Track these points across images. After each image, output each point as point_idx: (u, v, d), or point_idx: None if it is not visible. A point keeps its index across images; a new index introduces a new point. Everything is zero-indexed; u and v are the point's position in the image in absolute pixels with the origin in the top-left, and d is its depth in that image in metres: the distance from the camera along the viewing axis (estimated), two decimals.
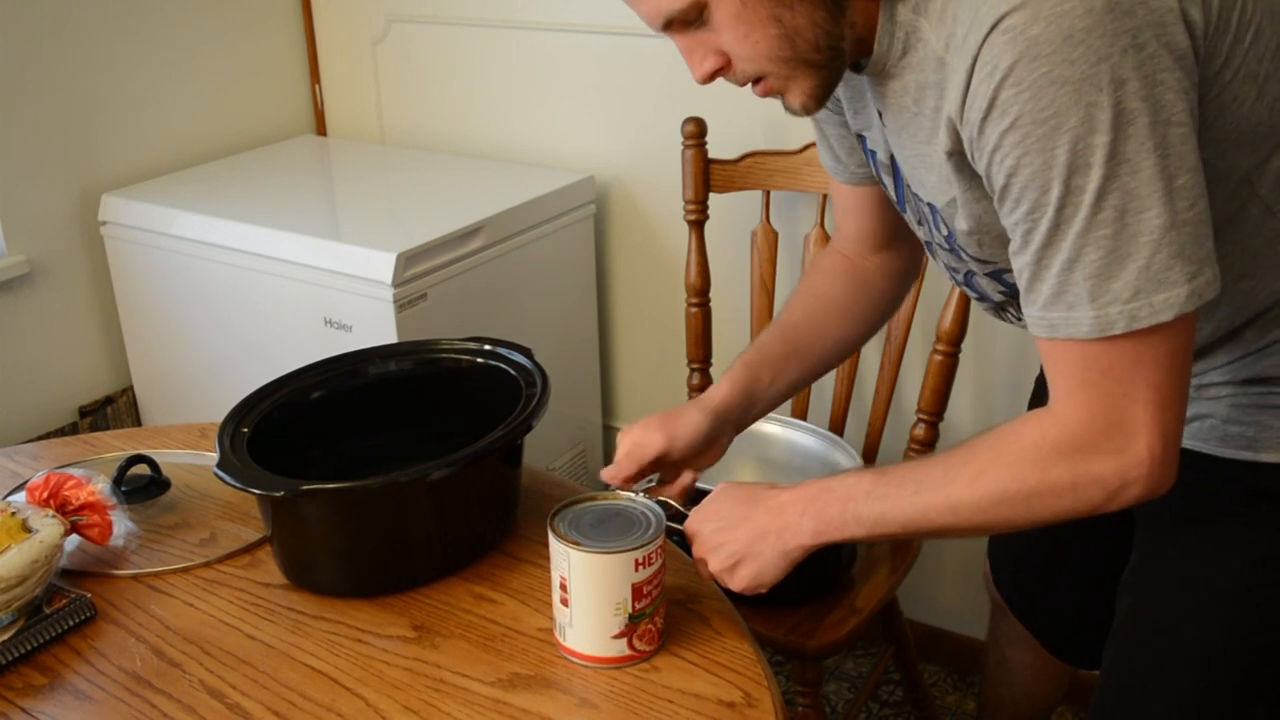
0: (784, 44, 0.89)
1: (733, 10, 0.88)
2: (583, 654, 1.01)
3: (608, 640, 1.00)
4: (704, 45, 0.92)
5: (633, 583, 0.99)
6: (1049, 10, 0.77)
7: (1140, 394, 0.86)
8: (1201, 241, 0.83)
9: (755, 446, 1.67)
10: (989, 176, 0.86)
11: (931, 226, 1.03)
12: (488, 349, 1.26)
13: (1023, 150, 0.81)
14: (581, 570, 0.99)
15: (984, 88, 0.81)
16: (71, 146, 2.05)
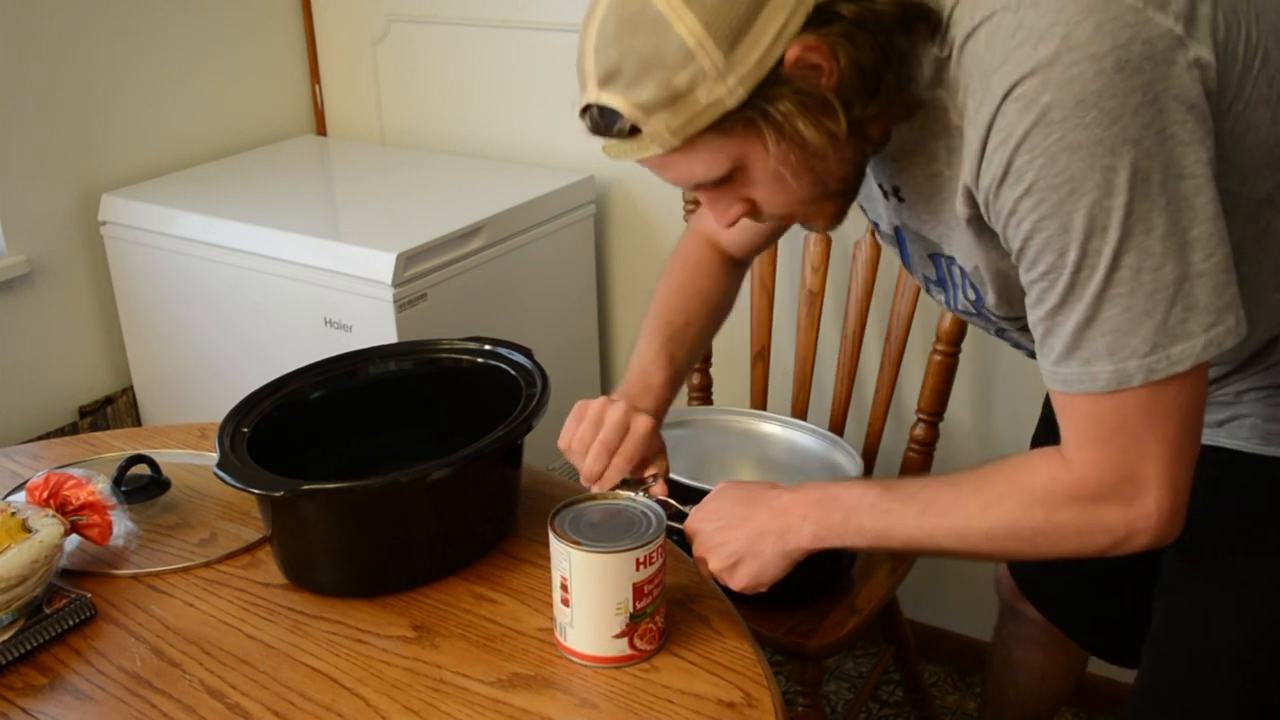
0: (816, 187, 0.90)
1: (768, 170, 0.88)
2: (583, 654, 1.01)
3: (608, 640, 1.00)
4: (730, 195, 0.93)
5: (633, 582, 0.99)
6: (1059, 76, 0.77)
7: (1152, 449, 0.87)
8: (1220, 290, 0.83)
9: (755, 446, 1.67)
10: (1005, 239, 0.86)
11: (958, 291, 1.02)
12: (488, 349, 1.26)
13: (1039, 215, 0.82)
14: (582, 570, 0.99)
15: (999, 155, 0.81)
16: (71, 146, 2.05)
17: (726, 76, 0.82)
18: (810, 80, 0.83)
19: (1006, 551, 0.96)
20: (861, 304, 1.71)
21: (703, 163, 0.88)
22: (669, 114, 0.84)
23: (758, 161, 0.88)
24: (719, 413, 1.72)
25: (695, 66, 0.82)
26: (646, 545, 0.99)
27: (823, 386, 1.88)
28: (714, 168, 0.89)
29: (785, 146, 0.85)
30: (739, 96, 0.83)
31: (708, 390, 1.87)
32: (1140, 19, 0.78)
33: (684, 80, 0.83)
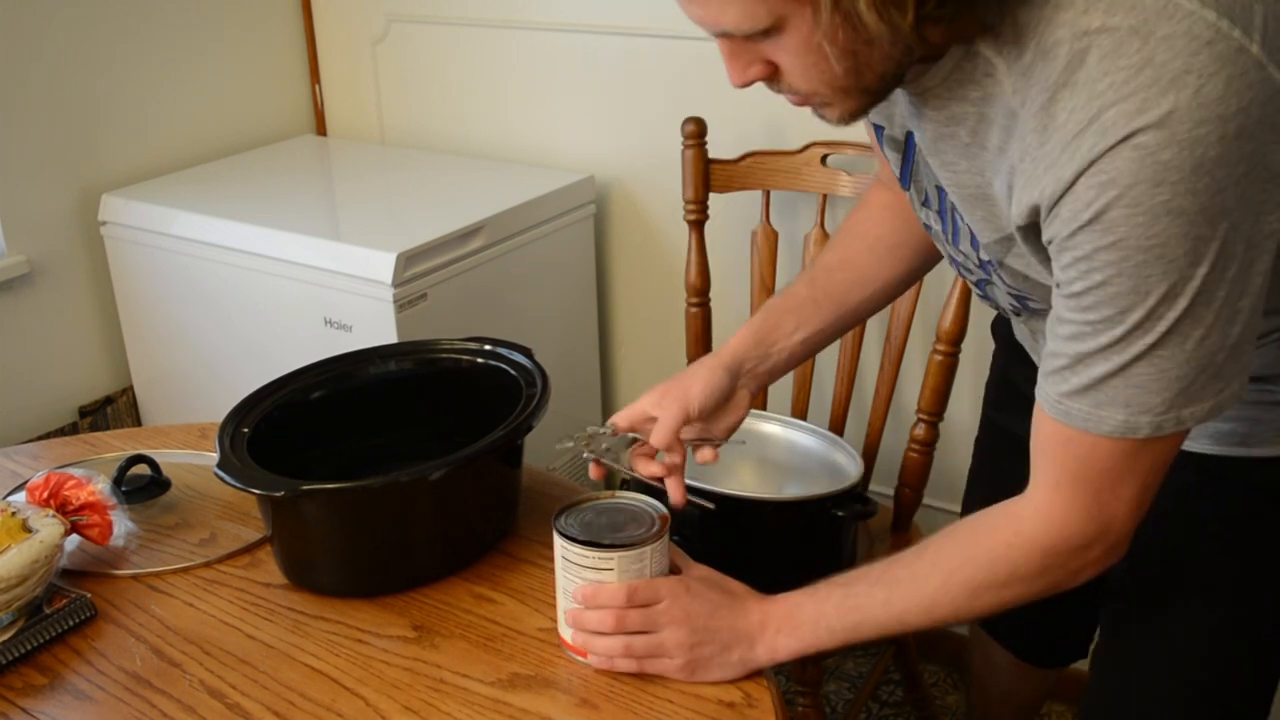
0: (851, 76, 0.82)
1: (810, 39, 0.79)
2: (575, 648, 1.01)
3: None
4: (753, 53, 0.83)
5: (637, 581, 0.99)
6: (1185, 135, 0.73)
7: (1127, 491, 0.88)
8: (1240, 357, 0.82)
9: (755, 446, 1.67)
10: (1064, 273, 0.82)
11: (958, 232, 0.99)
12: (488, 349, 1.26)
13: (1117, 271, 0.78)
14: (586, 569, 0.99)
15: (1092, 195, 0.76)
16: (71, 146, 2.05)
17: None
18: None
19: (977, 611, 0.97)
20: None
21: (739, 9, 0.78)
22: None
23: (801, 27, 0.78)
24: None
25: None
26: (650, 544, 0.99)
27: (823, 386, 1.88)
28: (750, 19, 0.78)
29: (838, 20, 0.76)
30: None
31: None
32: (1263, 77, 0.74)
33: None
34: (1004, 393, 1.34)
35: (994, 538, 0.94)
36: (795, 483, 1.61)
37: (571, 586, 1.00)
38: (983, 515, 0.97)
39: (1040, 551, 0.92)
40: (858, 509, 1.50)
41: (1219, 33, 0.73)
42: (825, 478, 1.57)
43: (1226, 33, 0.73)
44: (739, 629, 0.99)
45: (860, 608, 0.98)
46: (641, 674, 0.99)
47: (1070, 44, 0.76)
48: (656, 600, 0.99)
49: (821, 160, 1.73)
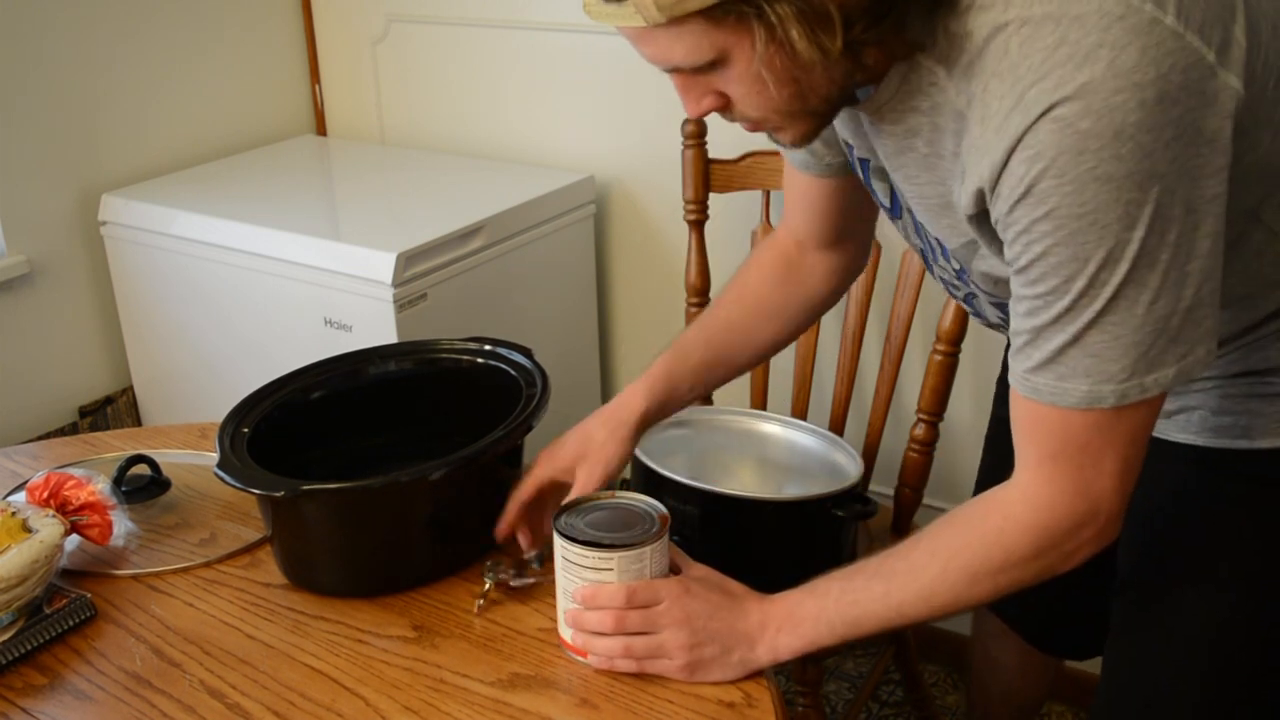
0: (795, 101, 0.86)
1: (751, 70, 0.83)
2: (575, 648, 1.01)
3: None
4: (703, 85, 0.88)
5: (638, 581, 0.99)
6: (1100, 104, 0.76)
7: (1109, 465, 0.90)
8: (1200, 321, 0.84)
9: (755, 446, 1.67)
10: (1010, 250, 0.85)
11: (938, 255, 1.02)
12: (488, 349, 1.26)
13: (1054, 240, 0.81)
14: (586, 570, 0.99)
15: (1022, 170, 0.80)
16: (71, 146, 2.05)
17: None
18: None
19: (976, 599, 0.98)
20: (861, 304, 1.71)
21: (684, 46, 0.82)
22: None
23: (741, 58, 0.83)
24: (719, 413, 1.72)
25: None
26: (650, 544, 0.99)
27: (823, 386, 1.88)
28: (695, 54, 0.83)
29: (773, 50, 0.81)
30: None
31: None
32: (1181, 45, 0.76)
33: None
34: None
35: (986, 523, 0.96)
36: (795, 483, 1.61)
37: (572, 586, 1.00)
38: (974, 503, 0.99)
39: (1032, 533, 0.93)
40: (858, 509, 1.50)
41: (1129, 7, 0.76)
42: (825, 478, 1.57)
43: (1138, 7, 0.76)
44: (739, 630, 1.00)
45: (859, 602, 0.99)
46: (642, 674, 0.99)
47: (995, 37, 0.80)
48: (656, 602, 0.99)
49: None
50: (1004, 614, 1.44)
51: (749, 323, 1.25)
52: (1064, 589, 1.35)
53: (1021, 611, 1.42)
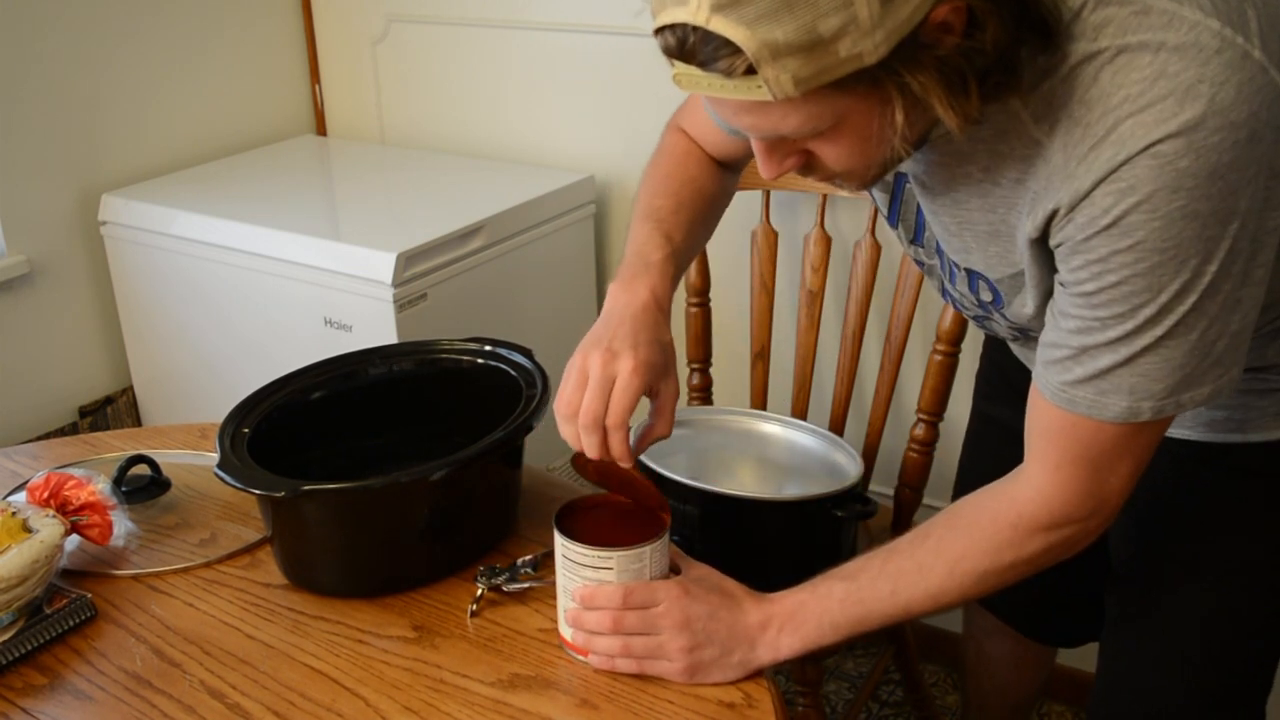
0: (888, 154, 0.83)
1: (864, 134, 0.79)
2: (577, 647, 1.01)
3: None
4: (790, 147, 0.84)
5: (638, 580, 0.99)
6: (1200, 142, 0.75)
7: (1123, 468, 0.91)
8: (1241, 345, 0.85)
9: (755, 446, 1.67)
10: (1073, 274, 0.84)
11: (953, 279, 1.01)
12: (488, 349, 1.26)
13: (1132, 271, 0.80)
14: (587, 569, 0.99)
15: (1111, 202, 0.78)
16: (71, 146, 2.05)
17: (875, 31, 0.70)
18: (944, 44, 0.74)
19: (983, 593, 0.99)
20: (861, 304, 1.71)
21: (804, 117, 0.77)
22: (801, 61, 0.71)
23: (860, 123, 0.78)
24: (719, 413, 1.72)
25: (849, 13, 0.70)
26: (650, 544, 0.99)
27: (823, 386, 1.88)
28: (812, 123, 0.78)
29: (911, 115, 0.77)
30: (880, 54, 0.72)
31: (708, 390, 1.87)
32: (1268, 81, 0.76)
33: (833, 26, 0.70)
34: (995, 384, 1.35)
35: (997, 525, 0.96)
36: (795, 483, 1.61)
37: (572, 585, 1.00)
38: (981, 501, 0.99)
39: (1044, 533, 0.94)
40: (858, 509, 1.50)
41: (1225, 40, 0.75)
42: (825, 478, 1.57)
43: (1231, 39, 0.75)
44: (738, 631, 0.99)
45: (864, 601, 1.00)
46: (641, 674, 0.99)
47: (1085, 66, 0.78)
48: (654, 603, 0.99)
49: None
50: (995, 609, 1.44)
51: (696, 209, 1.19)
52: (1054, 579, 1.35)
53: (1011, 605, 1.42)
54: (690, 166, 1.21)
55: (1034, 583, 1.36)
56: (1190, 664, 1.11)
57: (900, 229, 1.07)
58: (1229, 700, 1.12)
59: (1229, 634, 1.09)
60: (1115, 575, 1.17)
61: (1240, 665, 1.11)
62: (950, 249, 0.98)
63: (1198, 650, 1.10)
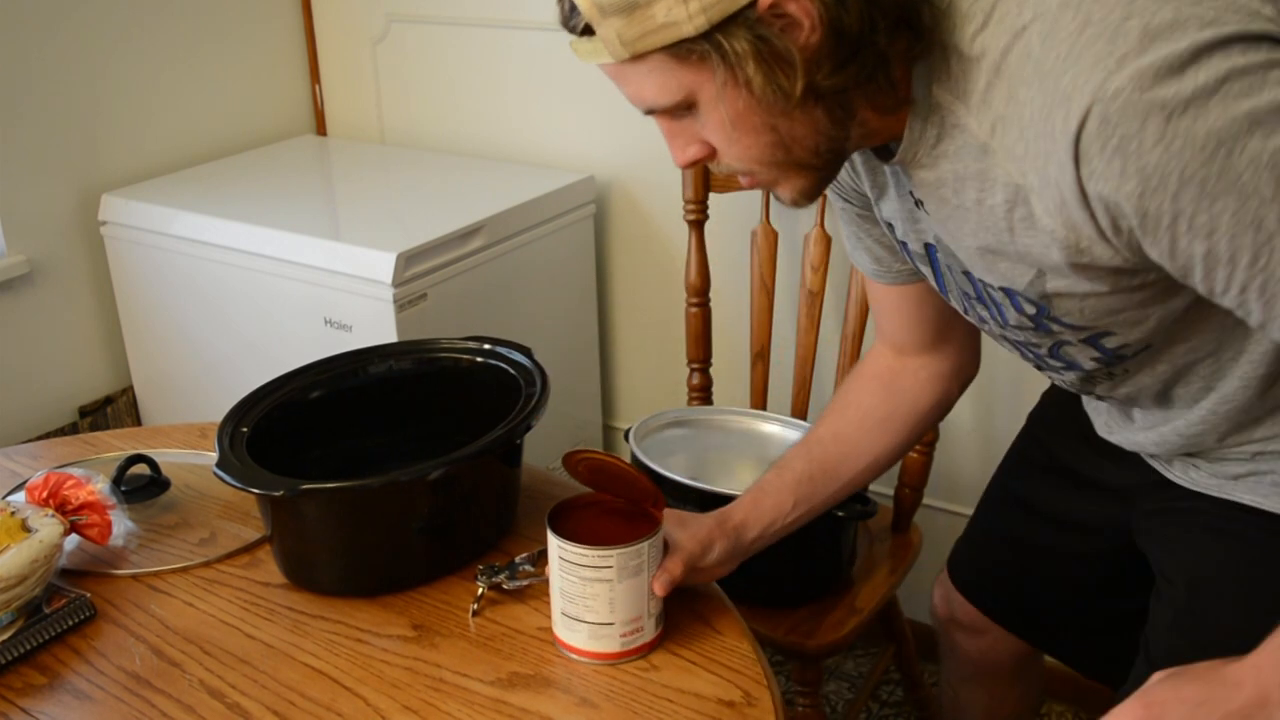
0: (777, 150, 0.85)
1: (721, 116, 0.82)
2: (583, 650, 1.01)
3: (606, 636, 1.00)
4: (688, 133, 0.87)
5: (631, 579, 0.99)
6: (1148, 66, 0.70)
7: None
8: None
9: (755, 447, 1.67)
10: (1173, 255, 0.77)
11: (1002, 310, 0.96)
12: (488, 349, 1.26)
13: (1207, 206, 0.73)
14: (579, 567, 0.99)
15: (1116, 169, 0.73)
16: (71, 146, 2.05)
17: (690, 1, 0.76)
18: (781, 31, 0.77)
19: None
20: (861, 304, 1.71)
21: (653, 85, 0.82)
22: (623, 22, 0.78)
23: (709, 100, 0.82)
24: (719, 413, 1.72)
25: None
26: (647, 539, 0.99)
27: (823, 386, 1.88)
28: (664, 94, 0.83)
29: (733, 91, 0.80)
30: (698, 25, 0.77)
31: (708, 390, 1.87)
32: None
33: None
34: (1055, 418, 1.29)
35: None
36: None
37: (569, 586, 1.00)
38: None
39: None
40: (858, 509, 1.50)
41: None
42: None
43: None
44: (1235, 715, 0.81)
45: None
46: (641, 672, 0.99)
47: (1013, 47, 0.77)
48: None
49: None
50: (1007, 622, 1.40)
51: (854, 434, 1.20)
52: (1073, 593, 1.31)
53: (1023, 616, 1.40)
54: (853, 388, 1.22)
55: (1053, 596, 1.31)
56: None
57: (953, 300, 1.03)
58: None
59: None
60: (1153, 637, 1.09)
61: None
62: (979, 270, 0.93)
63: None
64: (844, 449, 1.20)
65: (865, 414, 1.20)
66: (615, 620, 1.00)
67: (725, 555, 1.11)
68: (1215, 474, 1.05)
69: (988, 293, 0.95)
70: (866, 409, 1.20)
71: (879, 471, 1.23)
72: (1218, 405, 0.98)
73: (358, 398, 1.26)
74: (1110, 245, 0.80)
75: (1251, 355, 0.93)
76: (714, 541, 1.09)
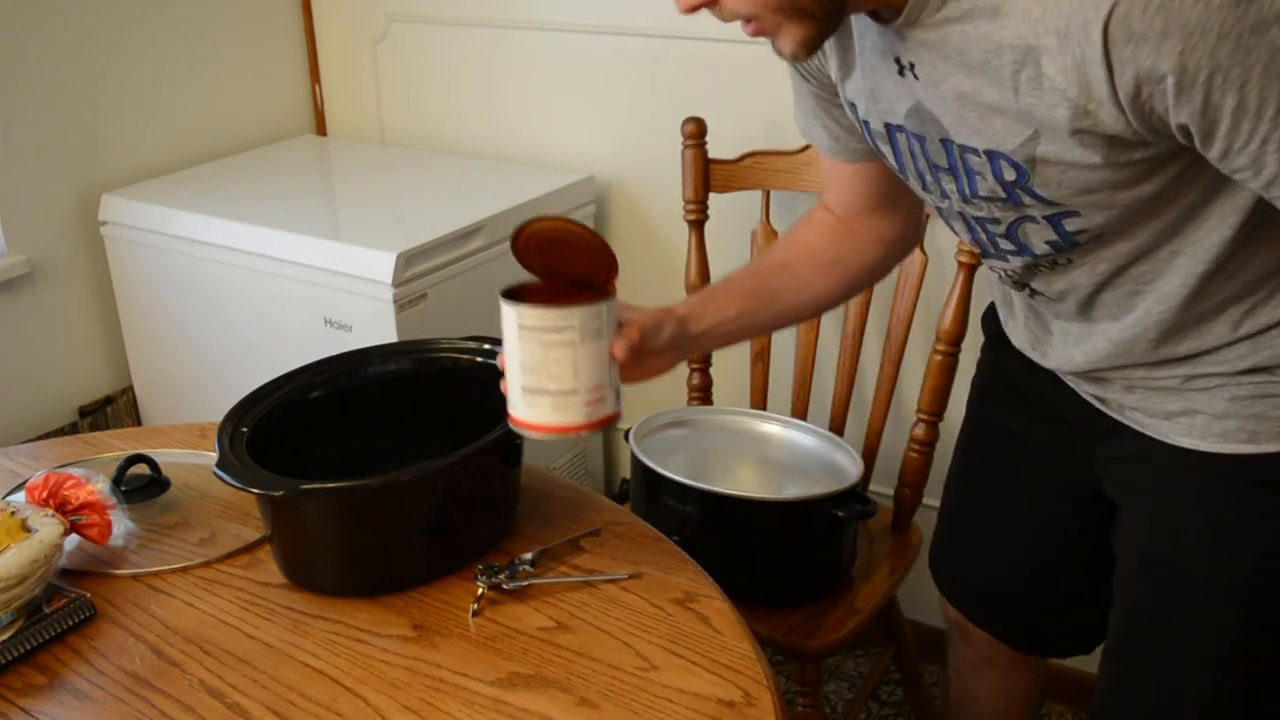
0: (796, 6, 0.86)
1: None
2: (546, 425, 1.00)
3: (563, 408, 0.99)
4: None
5: (580, 347, 0.98)
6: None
7: None
8: None
9: (755, 447, 1.67)
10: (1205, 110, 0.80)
11: (973, 179, 0.97)
12: (487, 348, 1.26)
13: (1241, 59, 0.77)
14: (530, 334, 0.98)
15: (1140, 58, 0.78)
16: (71, 146, 2.05)
17: None
18: None
19: None
20: (861, 304, 1.71)
21: None
22: None
23: None
24: (719, 413, 1.72)
25: None
26: (606, 300, 0.99)
27: (823, 386, 1.88)
28: None
29: None
30: None
31: (708, 390, 1.87)
32: None
33: None
34: (995, 389, 1.34)
35: None
36: (795, 483, 1.61)
37: (530, 357, 0.98)
38: None
39: None
40: (858, 509, 1.50)
41: None
42: (825, 478, 1.57)
43: None
44: None
45: None
46: (640, 673, 0.99)
47: None
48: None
49: None
50: (985, 623, 1.43)
51: (802, 268, 1.23)
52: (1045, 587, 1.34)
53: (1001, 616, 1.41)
54: (801, 228, 1.25)
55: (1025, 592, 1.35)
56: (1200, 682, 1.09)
57: (910, 179, 1.05)
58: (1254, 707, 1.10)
59: (1240, 651, 1.06)
60: (1122, 587, 1.16)
61: (1253, 683, 1.09)
62: (963, 134, 0.94)
63: (1208, 668, 1.08)
64: (790, 278, 1.22)
65: (814, 252, 1.23)
66: (580, 387, 0.98)
67: (673, 339, 1.12)
68: (1151, 411, 1.08)
69: (963, 160, 0.96)
70: (815, 248, 1.23)
71: (816, 312, 1.28)
72: (1152, 306, 1.01)
73: (358, 398, 1.26)
74: (1119, 110, 0.83)
75: (1197, 250, 0.96)
76: (663, 323, 1.11)
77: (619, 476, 2.36)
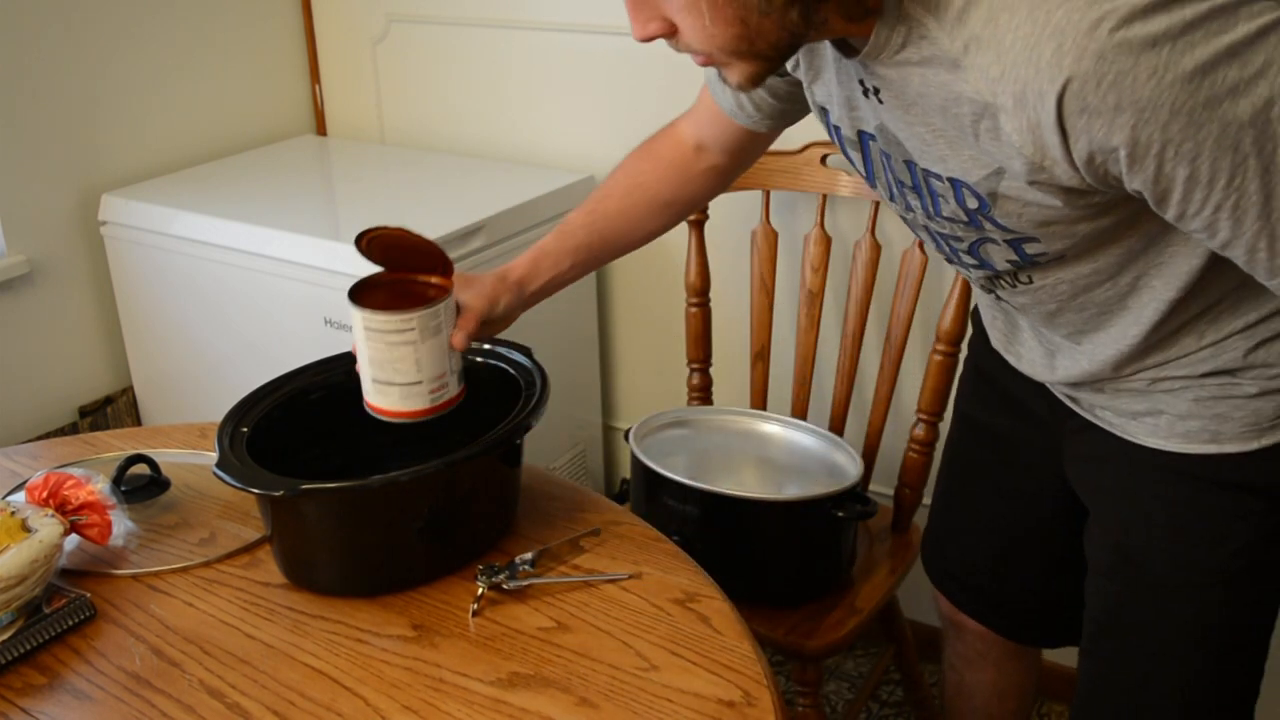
0: (742, 42, 0.86)
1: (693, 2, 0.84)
2: (396, 410, 1.10)
3: (410, 395, 1.10)
4: (652, 8, 0.87)
5: (415, 341, 1.07)
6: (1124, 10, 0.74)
7: None
8: None
9: (755, 447, 1.67)
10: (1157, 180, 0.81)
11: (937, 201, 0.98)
12: (488, 349, 1.26)
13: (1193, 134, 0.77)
14: (374, 332, 1.07)
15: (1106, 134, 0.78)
16: (71, 146, 2.05)
17: None
18: None
19: None
20: (861, 304, 1.71)
21: None
22: None
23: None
24: (719, 413, 1.72)
25: None
26: (443, 300, 1.09)
27: (823, 386, 1.88)
28: None
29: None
30: None
31: (708, 390, 1.87)
32: None
33: None
34: (977, 385, 1.35)
35: None
36: (795, 483, 1.61)
37: (377, 354, 1.08)
38: None
39: None
40: (858, 509, 1.50)
41: None
42: (825, 478, 1.57)
43: None
44: None
45: None
46: (639, 672, 0.99)
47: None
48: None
49: (821, 160, 1.73)
50: (978, 614, 1.43)
51: (640, 215, 1.29)
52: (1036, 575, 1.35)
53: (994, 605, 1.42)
54: (643, 158, 1.30)
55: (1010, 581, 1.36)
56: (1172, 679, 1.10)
57: (878, 187, 1.05)
58: (1216, 714, 1.11)
59: (1209, 648, 1.08)
60: (1091, 586, 1.16)
61: (1223, 678, 1.10)
62: (927, 160, 0.95)
63: (1179, 665, 1.09)
64: (626, 225, 1.29)
65: (653, 197, 1.28)
66: (423, 378, 1.09)
67: (511, 306, 1.22)
68: (1120, 411, 1.09)
69: (926, 183, 0.97)
70: (654, 193, 1.28)
71: (645, 243, 1.33)
72: (1127, 329, 1.02)
73: (358, 398, 1.26)
74: (1074, 170, 0.83)
75: (1167, 275, 0.97)
76: (499, 296, 1.20)
77: (619, 476, 2.36)
